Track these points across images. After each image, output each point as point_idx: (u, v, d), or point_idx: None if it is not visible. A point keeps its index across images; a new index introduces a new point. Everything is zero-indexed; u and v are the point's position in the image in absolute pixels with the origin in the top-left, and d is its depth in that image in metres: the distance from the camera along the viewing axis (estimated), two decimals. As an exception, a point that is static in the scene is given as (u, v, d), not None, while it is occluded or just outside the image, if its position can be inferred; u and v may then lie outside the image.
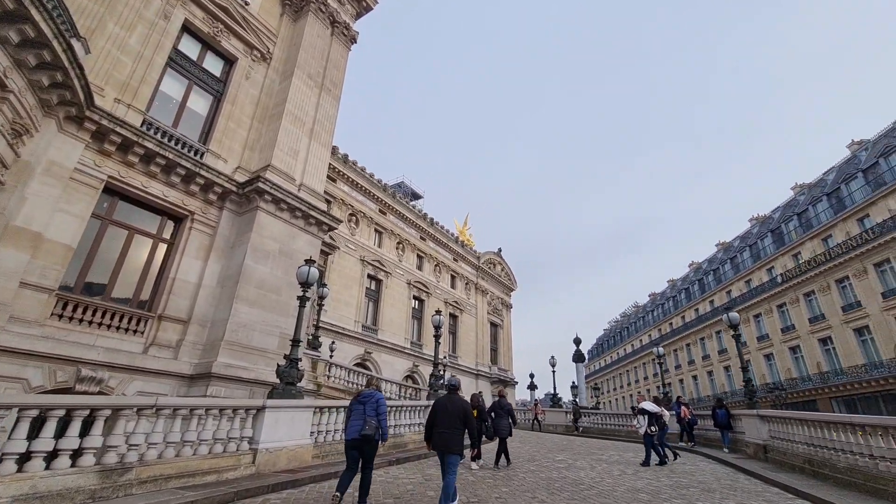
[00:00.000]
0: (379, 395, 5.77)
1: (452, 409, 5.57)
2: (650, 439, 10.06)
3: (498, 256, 52.66)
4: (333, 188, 31.56)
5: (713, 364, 44.95)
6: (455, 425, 5.46)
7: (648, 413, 10.20)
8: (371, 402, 5.61)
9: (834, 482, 7.12)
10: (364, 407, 5.59)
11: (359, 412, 5.55)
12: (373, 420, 5.39)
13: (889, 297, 27.83)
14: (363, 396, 5.75)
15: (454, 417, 5.50)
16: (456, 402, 5.72)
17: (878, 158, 29.90)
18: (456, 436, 5.41)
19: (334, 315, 29.17)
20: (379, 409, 5.56)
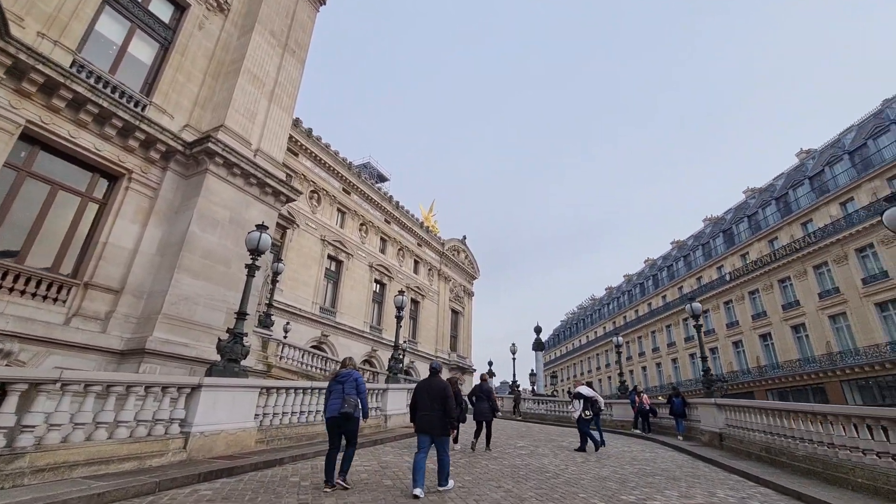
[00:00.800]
0: (357, 375, 5.84)
1: (433, 391, 5.66)
2: (585, 424, 9.86)
3: (462, 244, 52.42)
4: (295, 162, 29.99)
5: (662, 356, 46.92)
6: (436, 407, 5.54)
7: (584, 397, 9.99)
8: (350, 381, 5.70)
9: (792, 470, 7.16)
10: (343, 386, 5.66)
11: (338, 391, 5.63)
12: (352, 398, 5.49)
13: (825, 297, 29.69)
14: (341, 376, 5.81)
15: (435, 399, 5.58)
16: (436, 383, 5.80)
17: (824, 167, 31.65)
18: (438, 417, 5.50)
19: (290, 295, 27.89)
20: (359, 388, 5.67)
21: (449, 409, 5.58)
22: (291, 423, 8.05)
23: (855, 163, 29.30)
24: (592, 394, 10.21)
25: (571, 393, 11.91)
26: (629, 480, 6.55)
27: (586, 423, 9.87)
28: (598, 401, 10.26)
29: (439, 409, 5.52)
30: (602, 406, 10.73)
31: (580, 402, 9.97)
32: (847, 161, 29.80)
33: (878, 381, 26.14)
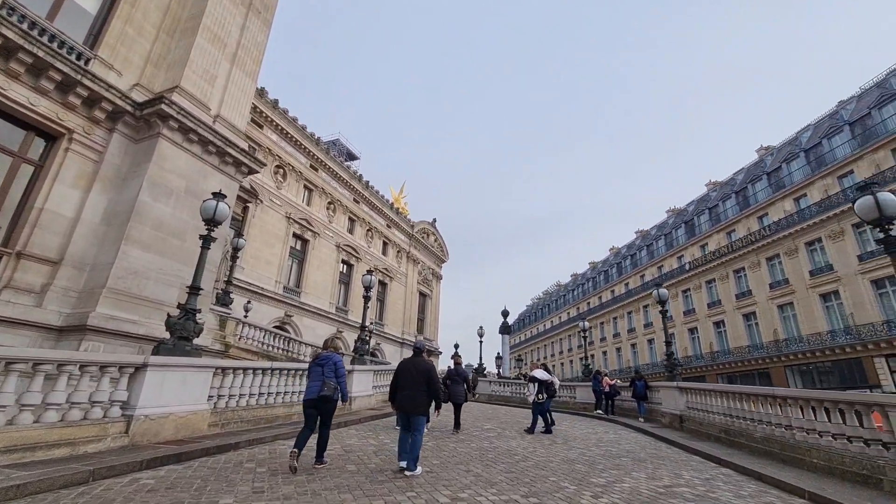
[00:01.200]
0: (337, 358, 5.87)
1: (417, 371, 5.65)
2: (539, 407, 9.84)
3: (432, 227, 52.03)
4: (259, 134, 28.57)
5: (622, 341, 48.60)
6: (419, 387, 5.53)
7: (538, 381, 9.95)
8: (329, 363, 5.71)
9: (750, 451, 7.38)
10: (323, 368, 5.67)
11: (317, 374, 5.64)
12: (331, 381, 5.53)
13: (775, 287, 31.29)
14: (321, 359, 5.83)
15: (419, 379, 5.57)
16: (420, 363, 5.81)
17: (781, 164, 33.03)
18: (420, 397, 5.50)
19: (253, 274, 26.84)
20: (338, 371, 5.69)
21: (434, 389, 5.60)
22: (249, 405, 7.60)
23: (809, 160, 30.71)
24: (547, 377, 10.13)
25: (526, 376, 11.86)
26: (597, 462, 6.54)
27: (541, 406, 9.84)
28: (552, 383, 10.25)
29: (423, 389, 5.51)
30: (557, 389, 10.70)
31: (535, 385, 9.93)
32: (802, 158, 31.18)
33: (818, 366, 27.93)
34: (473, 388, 11.77)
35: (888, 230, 5.48)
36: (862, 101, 28.99)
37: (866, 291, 25.52)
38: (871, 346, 24.47)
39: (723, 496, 5.03)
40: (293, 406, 8.53)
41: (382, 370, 14.17)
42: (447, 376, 9.95)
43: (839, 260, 27.14)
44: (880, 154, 25.66)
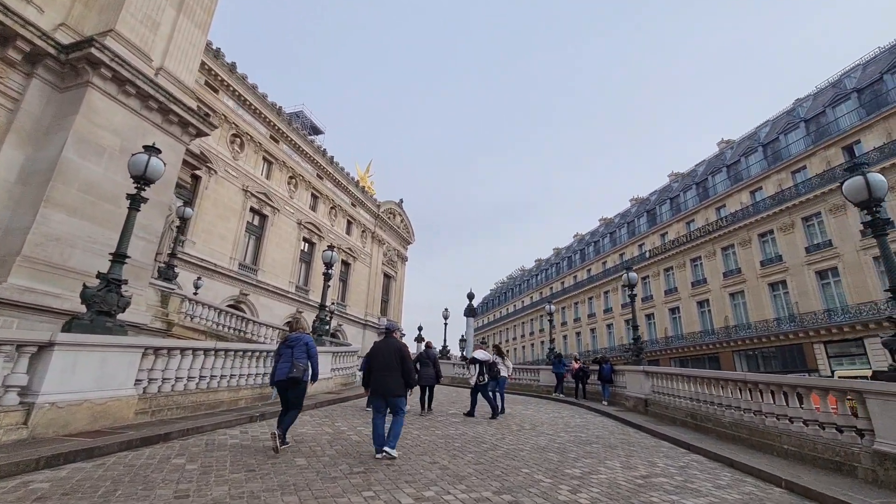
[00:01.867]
0: (308, 338, 5.84)
1: (388, 352, 5.51)
2: (482, 389, 9.27)
3: (399, 207, 50.96)
4: (214, 99, 26.55)
5: (582, 326, 49.81)
6: (392, 367, 5.39)
7: (479, 362, 9.40)
8: (300, 344, 5.68)
9: (718, 436, 7.30)
10: (293, 350, 5.61)
11: (287, 355, 5.58)
12: (301, 362, 5.49)
13: (728, 276, 32.60)
14: (291, 340, 5.77)
15: (390, 359, 5.43)
16: (392, 343, 5.68)
17: (740, 157, 34.14)
18: (394, 377, 5.37)
19: (205, 249, 25.19)
20: (310, 352, 5.69)
21: (406, 369, 5.46)
22: (188, 389, 6.74)
23: (766, 155, 31.84)
24: (488, 357, 9.54)
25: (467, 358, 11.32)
26: (568, 450, 6.20)
27: (483, 388, 9.25)
28: (495, 364, 9.69)
29: (397, 370, 5.38)
30: (503, 370, 10.04)
31: (475, 366, 9.36)
32: (760, 153, 32.30)
33: (763, 352, 29.45)
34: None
35: (876, 213, 5.32)
36: (818, 99, 30.17)
37: (811, 282, 26.93)
38: (812, 334, 25.92)
39: (702, 486, 4.77)
40: (240, 391, 7.74)
41: (342, 352, 13.48)
42: (417, 359, 9.75)
43: (788, 251, 28.47)
44: (832, 151, 26.84)
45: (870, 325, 23.27)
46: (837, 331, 24.75)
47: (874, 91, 25.57)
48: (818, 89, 31.31)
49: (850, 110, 26.49)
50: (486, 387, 9.37)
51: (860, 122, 25.39)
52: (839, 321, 24.72)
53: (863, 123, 25.16)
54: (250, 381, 8.08)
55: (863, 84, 26.51)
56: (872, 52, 28.09)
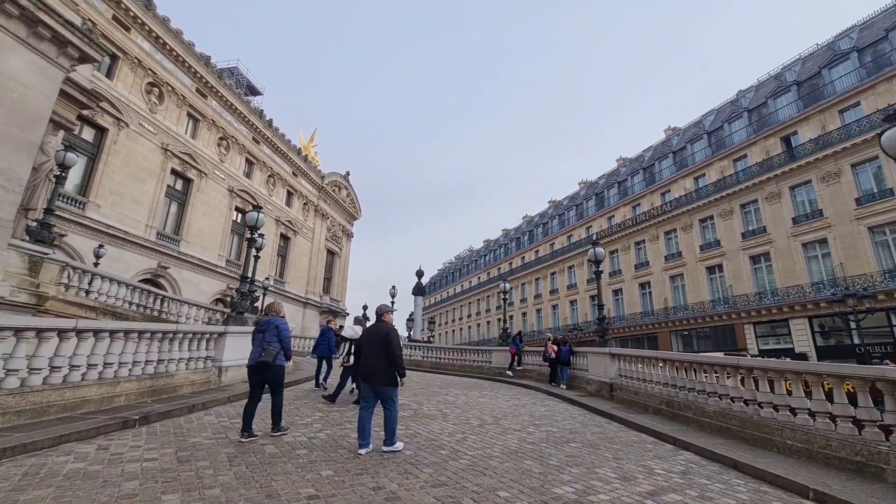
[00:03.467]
0: (279, 321, 5.74)
1: (374, 337, 5.14)
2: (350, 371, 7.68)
3: (345, 180, 48.08)
4: (124, 38, 22.68)
5: (528, 306, 50.22)
6: (379, 354, 5.02)
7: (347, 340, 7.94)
8: (271, 328, 5.56)
9: (699, 426, 6.51)
10: (264, 334, 5.51)
11: (258, 340, 5.50)
12: (271, 347, 5.36)
13: (669, 259, 33.59)
14: (262, 324, 5.67)
15: (377, 345, 5.06)
16: (380, 328, 5.27)
17: (686, 144, 34.97)
18: (380, 365, 4.99)
19: (113, 214, 21.75)
20: (281, 335, 5.60)
21: (393, 356, 5.03)
22: (30, 387, 4.80)
23: (711, 143, 32.75)
24: (354, 334, 7.63)
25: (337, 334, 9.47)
26: (547, 455, 5.01)
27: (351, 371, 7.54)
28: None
29: (382, 358, 5.00)
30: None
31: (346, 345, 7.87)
32: (705, 140, 33.18)
33: (697, 332, 30.73)
34: None
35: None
36: (760, 91, 31.24)
37: (745, 266, 28.16)
38: (743, 315, 27.19)
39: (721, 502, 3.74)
40: (119, 384, 5.84)
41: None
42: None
43: (726, 236, 29.58)
44: (771, 141, 27.88)
45: (795, 307, 24.63)
46: (766, 312, 26.06)
47: (812, 85, 26.66)
48: (759, 82, 32.44)
49: (790, 102, 27.54)
50: (353, 368, 7.43)
51: (798, 113, 26.42)
52: (768, 303, 26.01)
53: (800, 115, 26.20)
54: (136, 370, 6.17)
55: (802, 77, 27.58)
56: (811, 49, 29.30)
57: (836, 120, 24.57)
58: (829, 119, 24.92)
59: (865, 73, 23.69)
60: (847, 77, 24.63)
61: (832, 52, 26.45)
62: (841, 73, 25.08)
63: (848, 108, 24.24)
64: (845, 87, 24.43)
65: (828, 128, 24.77)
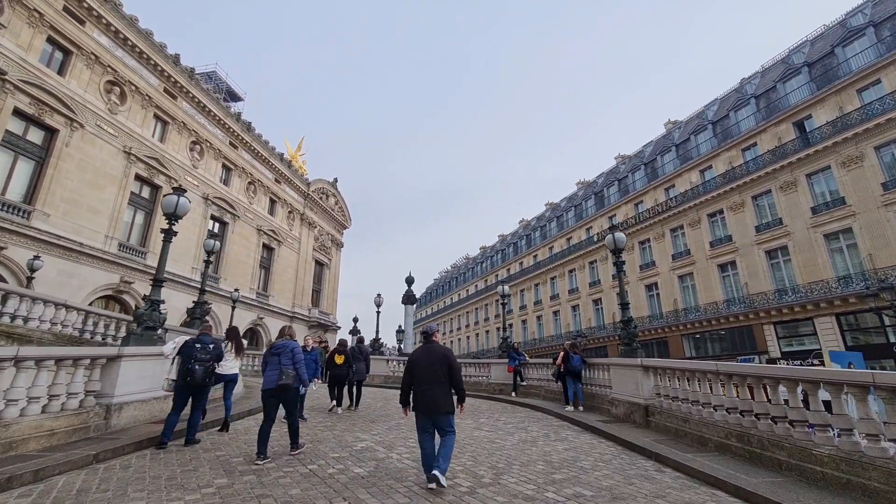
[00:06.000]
0: (294, 345, 5.72)
1: (433, 360, 4.65)
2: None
3: (332, 187, 46.02)
4: (79, 32, 20.67)
5: (528, 314, 47.92)
6: (439, 379, 4.54)
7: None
8: (286, 351, 5.58)
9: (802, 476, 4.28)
10: (280, 357, 5.53)
11: (274, 363, 5.54)
12: (289, 369, 5.43)
13: (677, 258, 31.53)
14: (276, 347, 5.66)
15: (437, 369, 4.57)
16: (436, 350, 4.77)
17: (690, 135, 33.14)
18: (443, 391, 4.53)
19: (66, 224, 19.55)
20: (295, 358, 5.59)
21: (455, 380, 4.60)
22: None
23: (716, 132, 30.92)
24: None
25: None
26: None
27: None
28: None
29: (445, 382, 4.54)
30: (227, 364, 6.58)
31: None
32: (710, 131, 31.35)
33: (712, 334, 28.56)
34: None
35: None
36: (766, 76, 29.51)
37: (761, 262, 26.11)
38: (763, 315, 25.06)
39: None
40: None
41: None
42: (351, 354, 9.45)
43: (738, 231, 27.58)
44: (783, 127, 26.04)
45: (820, 305, 22.53)
46: (788, 311, 23.96)
47: (825, 65, 24.90)
48: (764, 68, 30.76)
49: (801, 85, 25.75)
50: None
51: (811, 96, 24.61)
52: (789, 301, 23.92)
53: (814, 98, 24.39)
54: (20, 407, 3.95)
55: (813, 59, 25.85)
56: (819, 30, 27.66)
57: (855, 100, 22.74)
58: (846, 100, 23.09)
59: (885, 48, 21.92)
60: (863, 54, 22.87)
61: (845, 29, 24.74)
62: (857, 51, 23.32)
63: (867, 86, 22.42)
64: (862, 65, 22.65)
65: (845, 109, 22.94)
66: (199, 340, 5.58)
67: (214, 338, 5.76)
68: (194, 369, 5.25)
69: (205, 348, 5.48)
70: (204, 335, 5.78)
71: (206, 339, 5.66)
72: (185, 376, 5.28)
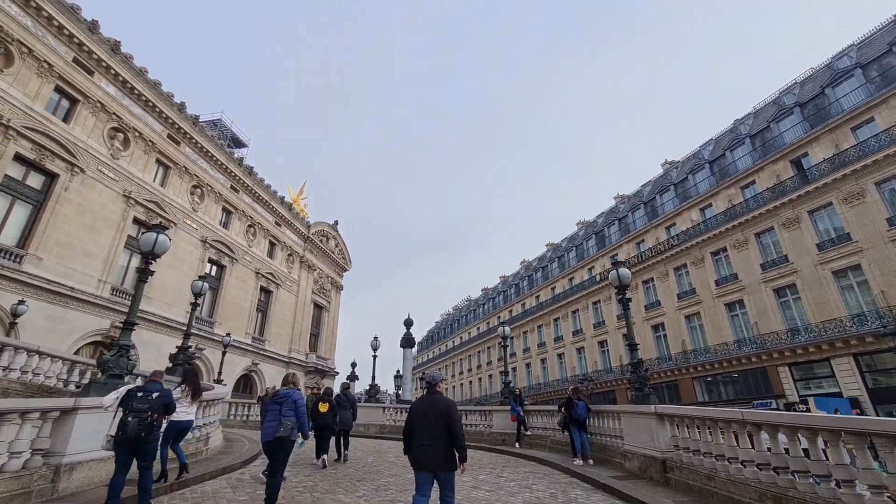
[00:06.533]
0: (297, 395, 5.56)
1: (434, 414, 4.42)
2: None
3: (333, 230, 46.09)
4: (87, 82, 21.26)
5: (532, 356, 46.51)
6: (440, 433, 4.32)
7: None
8: (288, 401, 5.40)
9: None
10: (281, 407, 5.33)
11: (274, 412, 5.30)
12: (288, 421, 5.19)
13: (682, 297, 30.81)
14: (279, 396, 5.49)
15: (438, 422, 4.36)
16: (437, 402, 4.53)
17: (687, 175, 33.36)
18: (443, 447, 4.30)
19: (58, 268, 19.24)
20: (297, 409, 5.41)
21: (456, 434, 4.31)
22: None
23: (713, 171, 31.11)
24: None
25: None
26: None
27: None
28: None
29: (444, 437, 4.30)
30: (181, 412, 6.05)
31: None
32: (707, 170, 31.57)
33: (724, 377, 27.34)
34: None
35: None
36: (759, 116, 30.05)
37: (769, 300, 25.39)
38: (776, 356, 24.05)
39: None
40: None
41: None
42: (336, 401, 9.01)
43: (743, 269, 27.06)
44: (780, 165, 26.14)
45: (836, 345, 21.62)
46: (802, 351, 22.96)
47: (816, 105, 25.34)
48: (756, 109, 31.41)
49: (794, 124, 26.12)
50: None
51: (806, 134, 24.87)
52: (803, 341, 23.00)
53: (809, 136, 24.62)
54: None
55: (804, 99, 26.36)
56: (806, 72, 28.42)
57: (850, 137, 22.91)
58: (841, 137, 23.28)
59: (875, 88, 22.34)
60: (854, 94, 23.29)
61: (832, 71, 25.38)
62: (846, 91, 23.78)
63: (861, 124, 22.66)
64: (854, 104, 23.01)
65: (841, 146, 23.07)
66: (142, 389, 4.85)
67: (162, 385, 5.09)
68: (126, 422, 4.47)
69: (145, 398, 4.68)
70: (152, 382, 5.13)
71: (151, 388, 4.92)
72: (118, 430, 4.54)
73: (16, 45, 18.22)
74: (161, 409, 4.76)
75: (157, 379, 5.18)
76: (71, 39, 20.36)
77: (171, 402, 5.09)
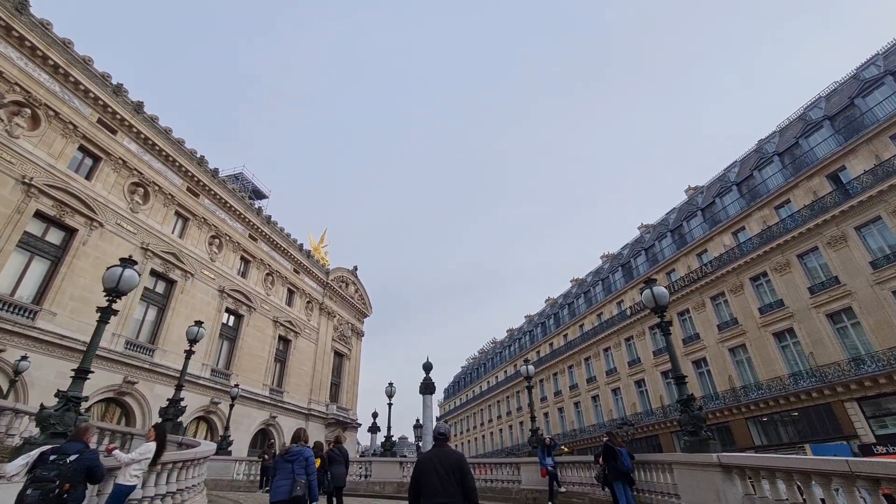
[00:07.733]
0: (309, 453, 5.41)
1: (446, 469, 3.99)
2: None
3: (352, 275, 45.70)
4: (110, 141, 21.98)
5: (564, 400, 43.62)
6: (453, 491, 3.89)
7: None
8: (300, 459, 5.23)
9: None
10: (293, 465, 5.15)
11: (286, 471, 5.12)
12: (302, 478, 5.02)
13: (723, 328, 28.49)
14: (291, 454, 5.31)
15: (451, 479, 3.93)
16: (448, 456, 4.12)
17: (714, 198, 31.88)
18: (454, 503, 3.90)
19: (72, 323, 19.04)
20: (308, 468, 5.24)
21: (468, 490, 3.94)
22: None
23: (742, 193, 29.60)
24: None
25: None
26: None
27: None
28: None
29: (457, 494, 3.90)
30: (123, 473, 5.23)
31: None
32: (735, 192, 30.10)
33: (782, 416, 24.53)
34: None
35: None
36: (785, 134, 28.79)
37: (823, 327, 23.04)
38: (840, 389, 21.43)
39: None
40: None
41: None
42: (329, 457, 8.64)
43: (789, 294, 24.89)
44: (815, 181, 24.56)
45: (910, 374, 19.08)
46: (871, 383, 20.37)
47: (847, 117, 24.04)
48: (780, 127, 30.21)
49: (825, 138, 24.76)
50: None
51: (841, 147, 23.43)
52: (870, 371, 20.46)
53: (844, 148, 23.18)
54: None
55: (832, 112, 25.13)
56: (831, 86, 27.35)
57: (890, 146, 21.39)
58: (880, 147, 21.77)
59: (912, 92, 21.04)
60: (888, 102, 21.98)
61: (859, 81, 24.25)
62: (878, 100, 22.50)
63: (902, 131, 21.19)
64: (889, 112, 21.65)
65: (882, 157, 21.50)
66: (56, 451, 3.85)
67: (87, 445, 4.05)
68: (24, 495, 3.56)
69: (56, 462, 3.71)
70: (72, 442, 4.10)
71: (68, 448, 3.93)
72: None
73: (43, 109, 19.03)
74: (81, 476, 3.73)
75: (82, 436, 4.17)
76: (96, 102, 21.27)
77: (97, 467, 4.02)
